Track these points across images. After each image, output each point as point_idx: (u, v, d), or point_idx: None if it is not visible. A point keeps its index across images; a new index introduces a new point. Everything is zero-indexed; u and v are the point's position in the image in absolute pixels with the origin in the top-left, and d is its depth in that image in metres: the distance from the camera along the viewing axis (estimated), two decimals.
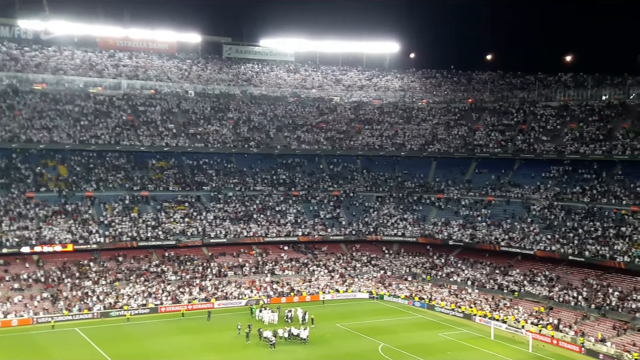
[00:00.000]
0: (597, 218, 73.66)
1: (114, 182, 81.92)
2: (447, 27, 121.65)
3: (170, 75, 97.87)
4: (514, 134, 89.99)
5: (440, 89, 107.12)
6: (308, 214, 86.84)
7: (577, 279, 70.62)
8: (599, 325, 61.66)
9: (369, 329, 63.72)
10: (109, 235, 74.75)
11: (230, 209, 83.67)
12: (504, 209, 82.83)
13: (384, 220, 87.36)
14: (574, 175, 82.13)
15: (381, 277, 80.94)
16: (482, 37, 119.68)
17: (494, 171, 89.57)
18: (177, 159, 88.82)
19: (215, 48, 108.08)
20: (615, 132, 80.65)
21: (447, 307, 71.11)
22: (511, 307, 68.40)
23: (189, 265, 76.89)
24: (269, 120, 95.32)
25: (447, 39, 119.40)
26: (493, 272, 77.25)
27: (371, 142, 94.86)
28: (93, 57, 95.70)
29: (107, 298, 67.88)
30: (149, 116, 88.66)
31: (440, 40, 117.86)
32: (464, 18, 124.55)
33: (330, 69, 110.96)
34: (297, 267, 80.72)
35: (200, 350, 56.49)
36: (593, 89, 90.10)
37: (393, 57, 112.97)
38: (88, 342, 58.00)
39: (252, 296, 72.61)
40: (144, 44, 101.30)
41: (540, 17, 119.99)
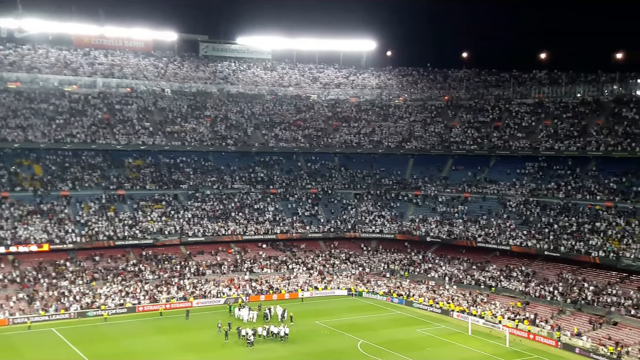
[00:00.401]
0: (572, 213, 74.62)
1: (90, 181, 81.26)
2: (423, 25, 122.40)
3: (147, 74, 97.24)
4: (489, 131, 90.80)
5: (417, 87, 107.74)
6: (286, 212, 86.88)
7: (552, 274, 71.52)
8: (574, 320, 62.53)
9: (348, 326, 63.97)
10: (85, 235, 74.16)
11: (208, 207, 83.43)
12: (480, 205, 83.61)
13: (362, 218, 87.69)
14: (549, 172, 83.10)
15: (360, 274, 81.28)
16: (457, 35, 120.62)
17: (470, 168, 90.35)
18: (153, 157, 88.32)
19: (192, 46, 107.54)
20: (589, 128, 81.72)
21: (425, 303, 71.62)
22: (488, 303, 69.07)
23: (167, 264, 76.55)
24: (246, 118, 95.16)
25: (424, 37, 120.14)
26: (470, 268, 77.94)
27: (349, 140, 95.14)
28: (68, 56, 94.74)
29: (84, 298, 67.37)
30: (125, 114, 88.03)
31: (417, 38, 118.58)
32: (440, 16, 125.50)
33: (307, 66, 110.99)
34: (276, 265, 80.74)
35: (178, 350, 56.29)
36: (567, 86, 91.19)
37: (370, 55, 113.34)
38: (65, 342, 57.54)
39: (230, 294, 72.51)
40: (119, 42, 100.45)
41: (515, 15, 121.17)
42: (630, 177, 75.26)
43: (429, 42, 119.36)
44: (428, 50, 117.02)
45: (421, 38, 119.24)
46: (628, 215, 70.31)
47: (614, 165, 77.44)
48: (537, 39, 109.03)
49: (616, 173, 76.74)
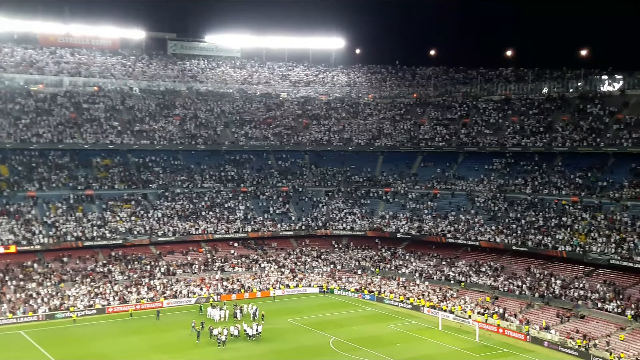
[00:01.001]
0: (539, 209, 75.74)
1: (58, 182, 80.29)
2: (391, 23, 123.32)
3: (114, 72, 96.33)
4: (457, 128, 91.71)
5: (386, 84, 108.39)
6: (257, 210, 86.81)
7: (521, 268, 72.56)
8: (543, 314, 63.50)
9: (320, 323, 64.22)
10: (53, 236, 73.28)
11: (178, 207, 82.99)
12: (449, 202, 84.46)
13: (333, 215, 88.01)
14: (516, 167, 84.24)
15: (331, 271, 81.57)
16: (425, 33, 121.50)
17: (439, 164, 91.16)
18: (122, 156, 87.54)
19: (160, 44, 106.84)
20: (555, 124, 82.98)
21: (396, 299, 72.17)
22: (458, 298, 69.84)
23: (137, 265, 76.01)
24: (216, 116, 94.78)
25: (392, 35, 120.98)
26: (440, 264, 78.72)
27: (319, 138, 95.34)
28: (34, 54, 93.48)
29: (52, 300, 66.59)
30: (92, 114, 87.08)
31: (385, 36, 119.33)
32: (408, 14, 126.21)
33: (276, 64, 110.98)
34: (247, 263, 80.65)
35: (149, 351, 55.98)
36: (533, 82, 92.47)
37: (339, 53, 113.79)
38: (33, 345, 56.85)
39: (201, 294, 72.27)
40: (86, 41, 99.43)
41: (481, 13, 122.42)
42: (595, 172, 76.59)
43: (398, 40, 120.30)
44: (396, 48, 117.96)
45: (389, 36, 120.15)
46: (594, 209, 71.55)
47: (579, 160, 78.76)
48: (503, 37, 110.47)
49: (582, 168, 78.04)
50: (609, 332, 57.68)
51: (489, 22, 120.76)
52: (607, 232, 67.09)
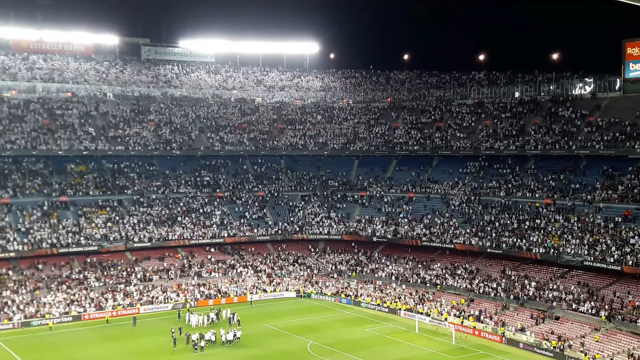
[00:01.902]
0: (513, 211, 76.71)
1: (32, 188, 79.50)
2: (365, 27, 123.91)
3: (87, 78, 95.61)
4: (431, 132, 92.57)
5: (360, 89, 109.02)
6: (234, 215, 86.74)
7: (496, 270, 73.42)
8: (518, 315, 64.30)
9: (297, 328, 64.43)
10: (28, 243, 72.57)
11: (154, 212, 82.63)
12: (425, 205, 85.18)
13: (309, 219, 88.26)
14: (490, 170, 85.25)
15: (308, 276, 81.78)
16: (398, 37, 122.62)
17: (414, 168, 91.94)
18: (96, 162, 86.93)
19: (134, 49, 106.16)
20: (527, 127, 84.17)
21: (373, 302, 72.58)
22: (434, 300, 70.47)
23: (113, 271, 75.51)
24: (190, 121, 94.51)
25: (365, 40, 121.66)
26: (416, 267, 79.36)
27: (294, 142, 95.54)
28: (6, 60, 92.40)
29: (27, 307, 65.92)
30: (66, 120, 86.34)
31: (359, 41, 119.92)
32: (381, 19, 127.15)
33: (251, 69, 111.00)
34: (224, 268, 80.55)
35: (125, 357, 55.85)
36: (505, 86, 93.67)
37: (313, 58, 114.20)
38: (9, 352, 56.29)
39: (178, 300, 72.03)
40: (59, 46, 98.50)
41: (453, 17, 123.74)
42: (568, 175, 77.81)
43: (371, 45, 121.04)
44: (370, 52, 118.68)
45: (363, 41, 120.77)
46: (567, 211, 72.66)
47: (552, 163, 79.96)
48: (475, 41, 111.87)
49: (554, 171, 79.21)
50: (583, 333, 58.61)
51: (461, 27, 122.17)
52: (580, 234, 68.20)
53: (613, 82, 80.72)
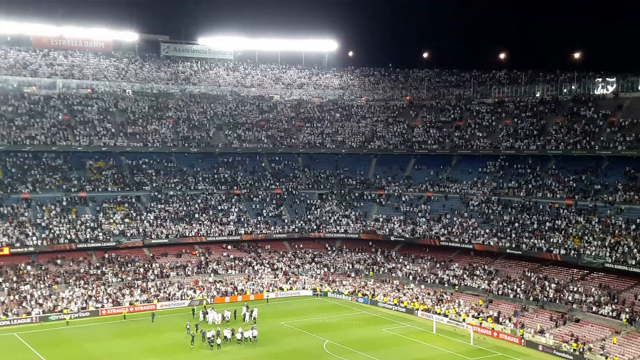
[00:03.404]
0: (533, 212, 75.90)
1: (51, 184, 79.93)
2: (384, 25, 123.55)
3: (107, 74, 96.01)
4: (451, 131, 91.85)
5: (379, 87, 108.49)
6: (251, 213, 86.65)
7: (515, 271, 72.65)
8: (537, 317, 63.52)
9: (313, 326, 64.13)
10: (47, 238, 72.96)
11: (172, 209, 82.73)
12: (443, 205, 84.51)
13: (326, 218, 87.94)
14: (510, 170, 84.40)
15: (324, 274, 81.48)
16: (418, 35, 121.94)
17: (433, 167, 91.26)
18: (115, 159, 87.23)
19: (153, 46, 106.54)
20: (548, 127, 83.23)
21: (390, 302, 72.12)
22: (452, 301, 69.87)
23: (130, 267, 75.70)
24: (208, 119, 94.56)
25: (385, 38, 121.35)
26: (434, 267, 78.76)
27: (312, 140, 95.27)
28: (27, 57, 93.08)
29: (45, 302, 66.26)
30: (85, 116, 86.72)
31: (378, 39, 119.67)
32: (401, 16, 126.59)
33: (269, 67, 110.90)
34: (241, 266, 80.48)
35: (142, 353, 55.81)
36: (526, 85, 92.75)
37: (332, 55, 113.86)
38: (27, 347, 56.59)
39: (195, 296, 72.05)
40: (79, 43, 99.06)
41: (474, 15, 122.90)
42: (589, 176, 76.83)
43: (391, 43, 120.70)
44: (390, 50, 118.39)
45: (382, 38, 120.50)
46: (588, 213, 71.75)
47: (573, 163, 78.94)
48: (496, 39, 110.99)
49: (576, 171, 78.23)
50: (603, 335, 57.77)
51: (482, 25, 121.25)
52: (602, 236, 67.29)
53: (636, 82, 79.64)
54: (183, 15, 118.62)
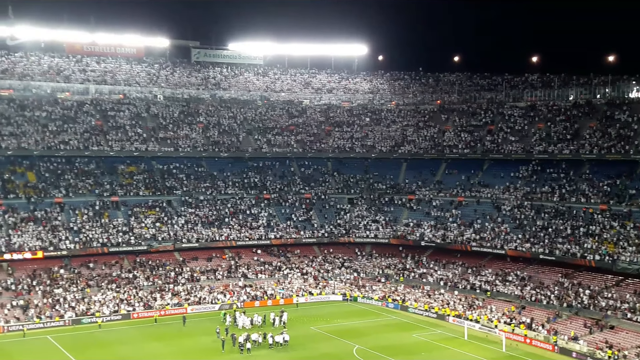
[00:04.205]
0: (567, 217, 74.73)
1: (84, 188, 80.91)
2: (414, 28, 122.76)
3: (139, 80, 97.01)
4: (482, 135, 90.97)
5: (409, 91, 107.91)
6: (280, 217, 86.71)
7: (548, 277, 71.57)
8: (571, 324, 62.47)
9: (343, 331, 63.79)
10: (79, 242, 73.80)
11: (202, 213, 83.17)
12: (475, 209, 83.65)
13: (356, 222, 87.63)
14: (543, 175, 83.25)
15: (354, 279, 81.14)
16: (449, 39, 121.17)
17: (464, 172, 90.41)
18: (147, 163, 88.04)
19: (184, 52, 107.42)
20: (582, 131, 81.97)
21: (421, 307, 71.52)
22: (484, 307, 69.04)
23: (161, 271, 76.22)
24: (238, 123, 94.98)
25: (415, 41, 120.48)
26: (465, 272, 77.94)
27: (341, 145, 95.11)
28: (60, 63, 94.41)
29: (78, 305, 66.97)
30: (117, 121, 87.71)
31: (408, 43, 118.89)
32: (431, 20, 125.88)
33: (299, 71, 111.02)
34: (270, 270, 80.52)
35: (173, 356, 56.12)
36: (560, 89, 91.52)
37: (361, 60, 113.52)
38: (60, 349, 57.19)
39: (225, 300, 72.25)
40: (111, 49, 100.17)
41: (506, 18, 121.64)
42: (624, 180, 75.43)
43: (421, 46, 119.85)
44: (420, 54, 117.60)
45: (412, 42, 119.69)
46: (622, 218, 70.43)
47: (607, 168, 77.59)
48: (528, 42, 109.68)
49: (610, 176, 76.88)
50: (639, 342, 56.54)
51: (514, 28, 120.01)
52: (637, 241, 65.98)
53: None
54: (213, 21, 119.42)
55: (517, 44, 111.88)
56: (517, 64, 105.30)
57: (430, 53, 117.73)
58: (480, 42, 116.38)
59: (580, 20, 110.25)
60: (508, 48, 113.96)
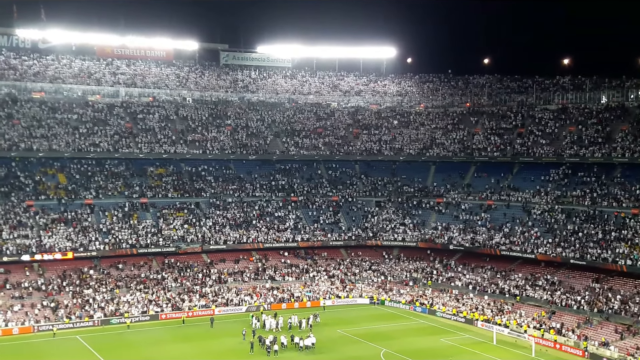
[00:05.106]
0: (598, 221, 73.55)
1: (113, 190, 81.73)
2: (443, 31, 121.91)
3: (168, 83, 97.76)
4: (512, 138, 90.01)
5: (438, 93, 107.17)
6: (307, 220, 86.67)
7: (578, 282, 70.48)
8: (601, 329, 61.49)
9: (370, 335, 63.52)
10: (109, 243, 74.52)
11: (230, 215, 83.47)
12: (504, 213, 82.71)
13: (384, 225, 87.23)
14: (574, 179, 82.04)
15: (382, 282, 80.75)
16: (478, 41, 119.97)
17: (494, 175, 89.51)
18: (175, 165, 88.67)
19: (213, 55, 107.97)
20: (614, 134, 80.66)
21: (449, 312, 70.92)
22: (513, 312, 68.22)
23: (189, 272, 76.63)
24: (266, 126, 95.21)
25: (444, 43, 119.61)
26: (494, 277, 77.10)
27: (369, 147, 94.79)
28: (91, 66, 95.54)
29: (107, 305, 67.60)
30: (147, 123, 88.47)
31: (437, 45, 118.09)
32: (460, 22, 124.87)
33: (327, 74, 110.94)
34: (297, 272, 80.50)
35: (201, 358, 56.27)
36: (591, 91, 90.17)
37: (390, 62, 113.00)
38: (89, 349, 57.82)
39: (252, 302, 72.37)
40: (141, 52, 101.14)
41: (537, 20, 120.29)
42: None
43: (450, 49, 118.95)
44: (449, 56, 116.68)
45: (441, 44, 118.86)
46: None
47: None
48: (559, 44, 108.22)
49: None
50: None
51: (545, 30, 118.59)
52: None
53: None
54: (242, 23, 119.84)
55: (548, 46, 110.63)
56: (548, 66, 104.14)
57: (459, 55, 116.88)
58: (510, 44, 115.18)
59: (612, 22, 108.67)
60: (539, 50, 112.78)
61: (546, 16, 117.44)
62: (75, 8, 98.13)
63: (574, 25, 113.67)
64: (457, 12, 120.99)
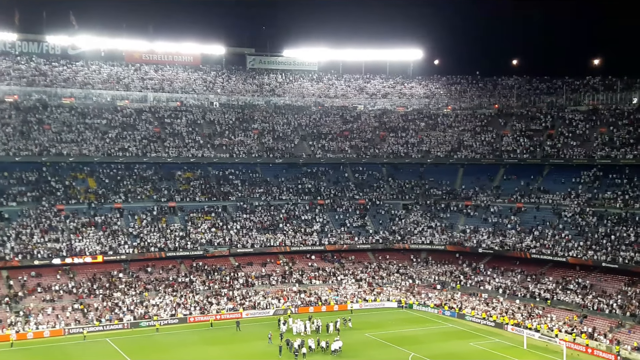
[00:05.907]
0: (630, 224, 72.27)
1: (142, 194, 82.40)
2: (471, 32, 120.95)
3: (195, 87, 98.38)
4: (542, 140, 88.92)
5: (466, 95, 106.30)
6: (334, 223, 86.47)
7: (611, 286, 69.30)
8: (634, 333, 60.33)
9: (398, 339, 63.03)
10: (138, 246, 75.09)
11: (257, 219, 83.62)
12: (534, 216, 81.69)
13: (411, 229, 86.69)
14: (606, 181, 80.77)
15: (410, 286, 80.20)
16: (507, 42, 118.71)
17: (523, 177, 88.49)
18: (203, 169, 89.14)
19: (239, 59, 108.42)
20: None
21: (478, 316, 70.14)
22: (544, 316, 67.27)
23: (217, 275, 76.88)
24: (293, 129, 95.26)
25: (472, 45, 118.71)
26: (524, 280, 76.12)
27: (396, 150, 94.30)
28: (120, 71, 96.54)
29: (137, 308, 68.07)
30: (175, 128, 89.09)
31: (465, 46, 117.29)
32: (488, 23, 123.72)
33: (353, 77, 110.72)
34: (325, 276, 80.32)
35: None
36: (622, 92, 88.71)
37: (417, 64, 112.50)
38: (119, 352, 58.22)
39: (279, 306, 72.34)
40: (169, 57, 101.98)
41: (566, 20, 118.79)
42: None
43: (478, 50, 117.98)
44: (477, 58, 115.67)
45: (469, 46, 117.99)
46: None
47: None
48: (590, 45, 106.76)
49: None
50: None
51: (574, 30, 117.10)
52: None
53: None
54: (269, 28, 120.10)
55: (578, 47, 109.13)
56: (577, 67, 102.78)
57: (487, 57, 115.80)
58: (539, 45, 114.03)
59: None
60: (568, 51, 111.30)
61: (577, 16, 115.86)
62: (103, 14, 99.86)
63: (604, 25, 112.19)
64: (484, 13, 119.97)
